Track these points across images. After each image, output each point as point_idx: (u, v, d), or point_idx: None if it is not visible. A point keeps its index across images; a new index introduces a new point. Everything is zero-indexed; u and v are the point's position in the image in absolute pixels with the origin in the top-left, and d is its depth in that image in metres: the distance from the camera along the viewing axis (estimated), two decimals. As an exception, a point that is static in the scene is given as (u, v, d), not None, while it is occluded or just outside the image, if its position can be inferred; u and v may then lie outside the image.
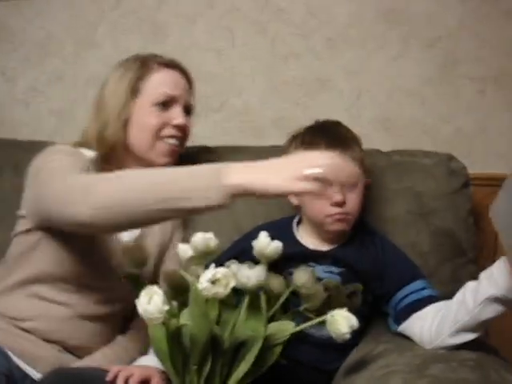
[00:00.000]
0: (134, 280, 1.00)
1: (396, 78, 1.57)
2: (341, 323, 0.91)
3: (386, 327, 1.14)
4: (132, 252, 1.03)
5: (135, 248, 1.06)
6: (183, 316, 0.90)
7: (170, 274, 0.98)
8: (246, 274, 0.90)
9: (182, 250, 0.98)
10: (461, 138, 1.52)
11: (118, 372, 1.00)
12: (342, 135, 1.17)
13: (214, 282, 0.86)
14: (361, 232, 1.19)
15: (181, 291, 0.93)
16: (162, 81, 1.23)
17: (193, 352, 0.89)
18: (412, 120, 1.56)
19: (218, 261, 0.93)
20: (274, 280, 0.97)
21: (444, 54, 1.53)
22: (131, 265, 1.01)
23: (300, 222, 1.23)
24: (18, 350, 1.11)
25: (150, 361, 1.05)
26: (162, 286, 0.89)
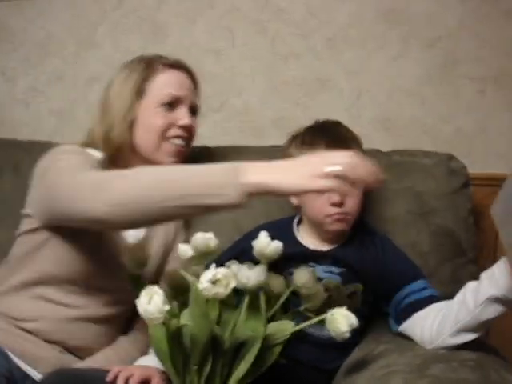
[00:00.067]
0: (135, 280, 1.00)
1: (396, 78, 1.57)
2: (340, 322, 0.91)
3: (386, 327, 1.14)
4: (133, 252, 1.03)
5: (137, 248, 1.06)
6: (183, 316, 0.90)
7: (171, 273, 0.98)
8: (246, 274, 0.90)
9: (183, 250, 0.98)
10: (461, 137, 1.52)
11: (118, 372, 1.00)
12: (342, 135, 1.17)
13: (214, 283, 0.85)
14: (361, 232, 1.19)
15: (181, 291, 0.93)
16: (168, 81, 1.23)
17: (193, 352, 0.89)
18: (412, 120, 1.56)
19: (218, 261, 0.93)
20: (275, 280, 0.98)
21: (444, 53, 1.53)
22: (132, 265, 1.00)
23: (300, 222, 1.23)
24: (19, 350, 1.10)
25: (151, 361, 1.05)
26: (163, 286, 0.89)
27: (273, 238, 0.95)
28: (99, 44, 1.87)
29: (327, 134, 1.16)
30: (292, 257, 1.08)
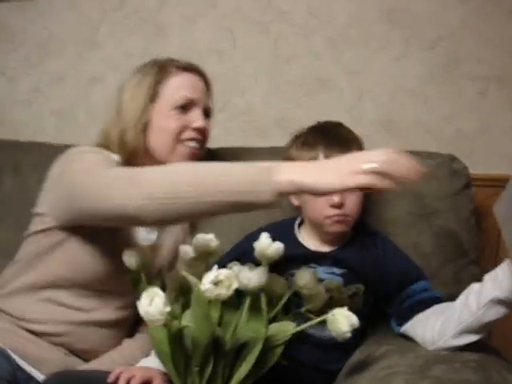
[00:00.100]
0: (135, 281, 1.00)
1: (398, 78, 1.57)
2: (341, 322, 0.91)
3: (387, 328, 1.14)
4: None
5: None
6: (185, 317, 0.90)
7: (173, 274, 0.98)
8: (247, 275, 0.90)
9: (184, 251, 0.98)
10: (463, 138, 1.52)
11: (120, 373, 1.00)
12: (343, 136, 1.17)
13: (216, 284, 0.85)
14: (362, 233, 1.19)
15: (183, 292, 0.93)
16: (181, 84, 1.22)
17: (194, 353, 0.89)
18: (414, 120, 1.56)
19: (220, 262, 0.93)
20: (276, 281, 0.98)
21: (446, 53, 1.53)
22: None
23: (301, 224, 1.23)
24: (22, 351, 1.10)
25: (152, 362, 1.05)
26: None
27: (274, 239, 0.95)
28: (101, 44, 1.87)
29: (327, 136, 1.16)
30: (293, 258, 1.08)
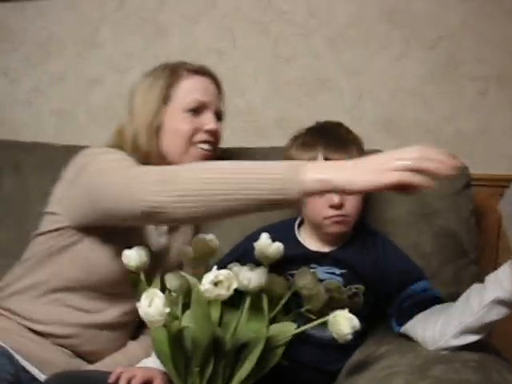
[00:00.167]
0: (135, 281, 1.00)
1: (398, 78, 1.57)
2: (343, 324, 0.91)
3: (387, 328, 1.14)
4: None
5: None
6: (185, 318, 0.90)
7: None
8: (247, 275, 0.90)
9: (184, 251, 0.98)
10: (463, 138, 1.52)
11: (121, 373, 1.00)
12: (342, 136, 1.17)
13: (216, 284, 0.86)
14: (362, 233, 1.19)
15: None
16: (193, 87, 1.23)
17: (195, 354, 0.89)
18: (414, 120, 1.56)
19: (220, 263, 0.94)
20: (276, 281, 0.98)
21: (446, 53, 1.53)
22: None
23: (301, 224, 1.23)
24: (25, 351, 1.10)
25: (153, 363, 1.05)
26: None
27: (274, 239, 0.95)
28: (101, 45, 1.87)
29: (327, 136, 1.15)
30: (293, 258, 1.08)
